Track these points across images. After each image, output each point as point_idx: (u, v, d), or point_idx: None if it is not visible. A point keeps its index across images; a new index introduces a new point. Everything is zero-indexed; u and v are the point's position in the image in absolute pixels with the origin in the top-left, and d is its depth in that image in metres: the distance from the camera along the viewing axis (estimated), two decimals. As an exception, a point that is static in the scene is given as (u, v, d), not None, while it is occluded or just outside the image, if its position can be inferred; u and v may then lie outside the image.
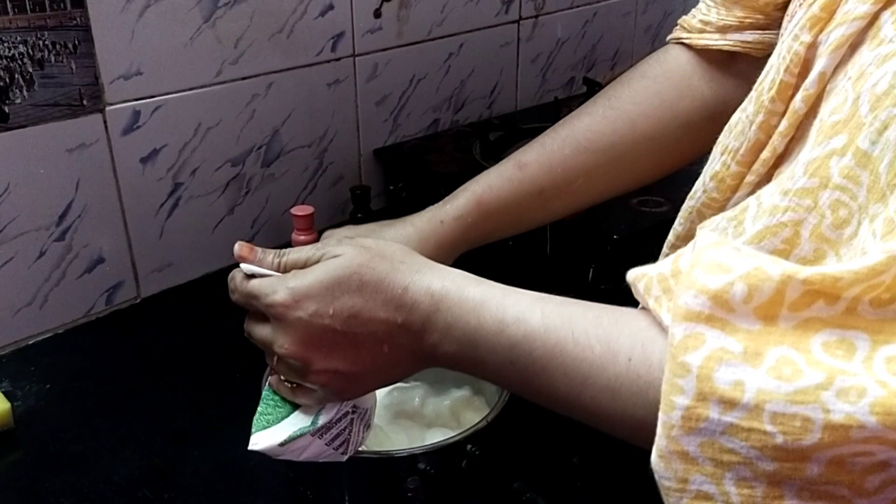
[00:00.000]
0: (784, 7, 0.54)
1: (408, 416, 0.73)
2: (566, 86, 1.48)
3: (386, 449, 0.65)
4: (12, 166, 0.85)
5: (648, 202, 0.98)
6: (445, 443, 0.63)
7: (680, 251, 0.41)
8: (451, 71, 1.26)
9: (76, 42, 0.86)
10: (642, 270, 0.43)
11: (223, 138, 1.01)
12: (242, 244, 0.56)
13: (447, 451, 0.63)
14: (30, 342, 0.91)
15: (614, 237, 0.94)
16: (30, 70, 0.83)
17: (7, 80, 0.82)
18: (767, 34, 0.68)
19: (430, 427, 0.71)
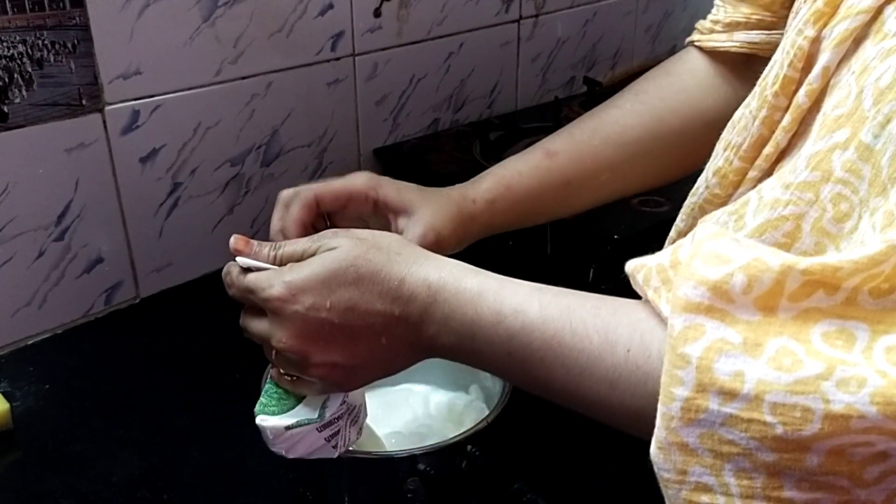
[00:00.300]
0: (790, 5, 0.54)
1: (408, 417, 0.73)
2: (566, 85, 1.48)
3: (386, 449, 0.65)
4: (11, 166, 0.85)
5: (649, 202, 0.98)
6: (445, 443, 0.63)
7: (679, 242, 0.41)
8: (451, 70, 1.26)
9: (75, 42, 0.86)
10: (641, 261, 0.43)
11: (222, 138, 1.01)
12: (238, 237, 0.56)
13: (447, 452, 0.62)
14: (29, 342, 0.91)
15: (614, 237, 0.93)
16: (29, 70, 0.83)
17: (6, 80, 0.82)
18: (774, 34, 0.68)
19: (431, 427, 0.71)
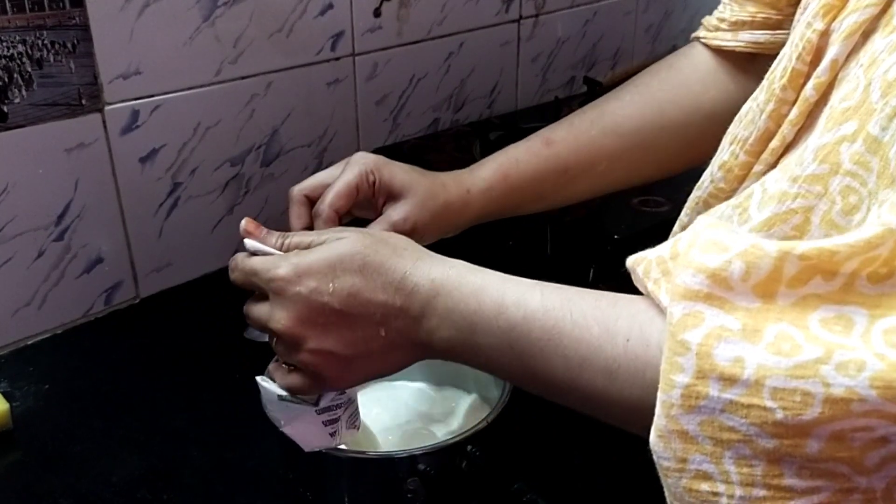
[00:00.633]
0: (796, 2, 0.54)
1: (408, 417, 0.72)
2: (566, 85, 1.48)
3: (386, 449, 0.65)
4: (11, 166, 0.85)
5: (649, 202, 0.98)
6: (445, 443, 0.63)
7: (679, 235, 0.41)
8: (451, 70, 1.26)
9: (75, 41, 0.85)
10: (641, 255, 0.43)
11: (222, 138, 1.01)
12: (249, 220, 0.57)
13: (447, 452, 0.62)
14: (28, 342, 0.91)
15: (614, 237, 0.93)
16: (28, 70, 0.83)
17: (6, 80, 0.82)
18: (779, 34, 0.68)
19: (431, 428, 0.71)
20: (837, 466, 0.33)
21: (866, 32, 0.43)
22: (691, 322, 0.35)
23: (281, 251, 0.56)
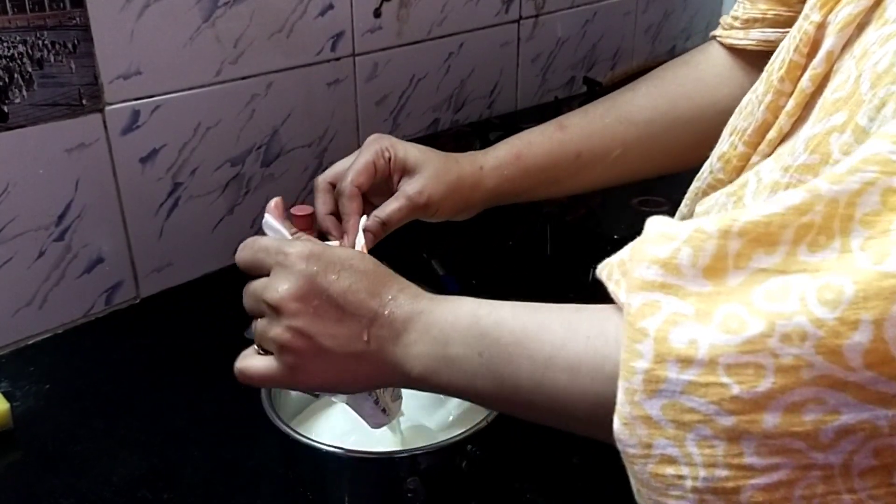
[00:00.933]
0: None
1: (407, 417, 0.72)
2: (566, 85, 1.48)
3: (386, 449, 0.65)
4: (11, 166, 0.85)
5: (648, 202, 0.98)
6: (445, 443, 0.63)
7: (638, 238, 0.41)
8: (451, 71, 1.26)
9: (75, 42, 0.86)
10: (606, 260, 0.44)
11: (223, 138, 1.01)
12: (278, 201, 0.61)
13: (447, 452, 0.62)
14: (29, 342, 0.91)
15: (614, 237, 0.94)
16: (29, 70, 0.83)
17: (6, 80, 0.82)
18: (789, 32, 0.68)
19: (431, 427, 0.71)
20: (793, 442, 0.33)
21: (861, 24, 0.44)
22: (649, 311, 0.36)
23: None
